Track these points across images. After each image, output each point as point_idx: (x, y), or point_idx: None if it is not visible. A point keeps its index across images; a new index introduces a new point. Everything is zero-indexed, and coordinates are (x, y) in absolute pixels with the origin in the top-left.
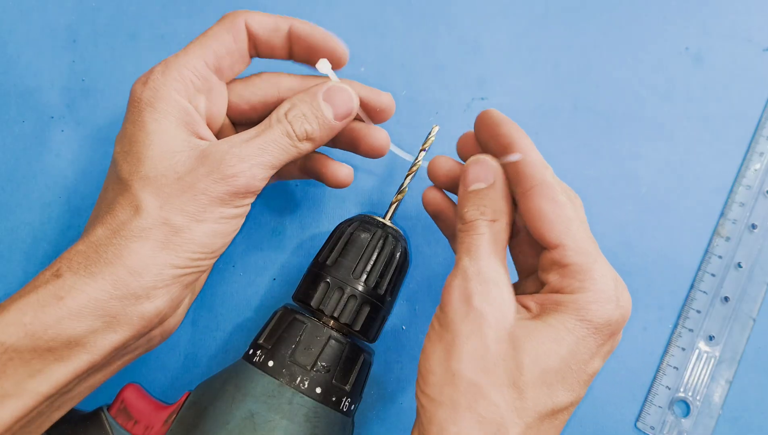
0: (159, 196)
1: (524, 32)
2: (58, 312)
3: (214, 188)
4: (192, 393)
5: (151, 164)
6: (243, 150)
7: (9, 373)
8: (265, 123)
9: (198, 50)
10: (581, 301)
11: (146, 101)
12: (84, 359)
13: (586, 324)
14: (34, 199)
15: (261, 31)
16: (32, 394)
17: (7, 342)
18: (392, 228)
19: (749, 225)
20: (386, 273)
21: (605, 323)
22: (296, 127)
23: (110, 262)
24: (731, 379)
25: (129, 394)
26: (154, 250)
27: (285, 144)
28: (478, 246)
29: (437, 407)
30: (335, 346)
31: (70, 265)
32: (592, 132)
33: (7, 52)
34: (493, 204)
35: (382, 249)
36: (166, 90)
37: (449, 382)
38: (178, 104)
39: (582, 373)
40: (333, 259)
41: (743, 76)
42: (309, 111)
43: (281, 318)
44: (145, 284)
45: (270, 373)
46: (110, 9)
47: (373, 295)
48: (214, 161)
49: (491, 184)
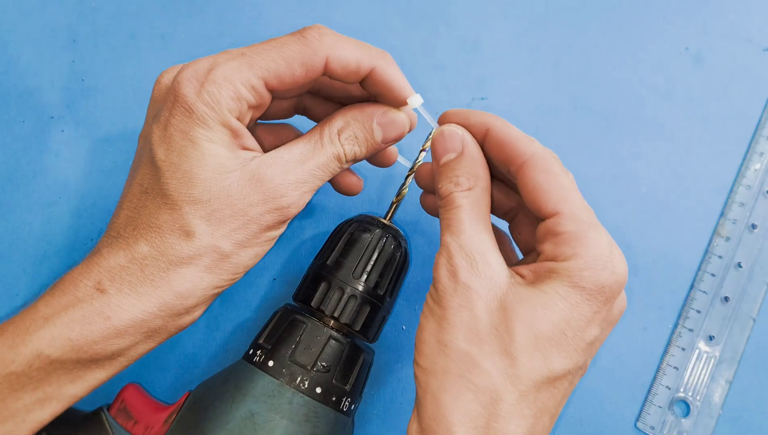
0: (210, 222)
1: (524, 32)
2: (104, 332)
3: (267, 218)
4: (192, 393)
5: (203, 187)
6: (296, 176)
7: (52, 380)
8: (314, 139)
9: (263, 64)
10: (574, 268)
11: (200, 116)
12: (121, 365)
13: (579, 290)
14: (34, 199)
15: (339, 71)
16: (70, 398)
17: (53, 355)
18: (392, 228)
19: (749, 225)
20: (386, 273)
21: (598, 289)
22: (347, 150)
23: (157, 286)
24: (731, 379)
25: (129, 394)
26: (201, 274)
27: (333, 167)
28: (456, 220)
29: (430, 377)
30: (335, 346)
31: (113, 281)
32: (592, 132)
33: (7, 52)
34: (465, 171)
35: (383, 249)
36: (221, 108)
37: (441, 352)
38: (231, 123)
39: (578, 340)
40: (333, 260)
41: (743, 76)
42: (361, 133)
43: (281, 318)
44: (188, 305)
45: (270, 373)
46: (110, 9)
47: (373, 295)
48: (267, 190)
49: (460, 152)
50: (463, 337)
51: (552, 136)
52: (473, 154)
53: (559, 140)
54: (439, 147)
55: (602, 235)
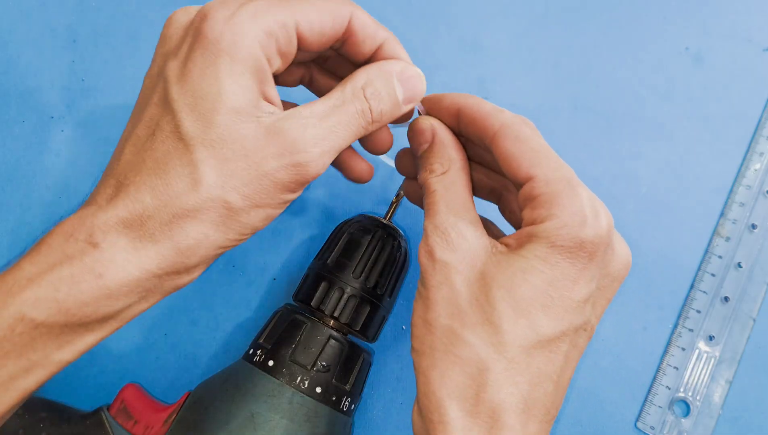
0: (222, 172)
1: (524, 32)
2: (95, 292)
3: (282, 175)
4: (192, 393)
5: (218, 132)
6: (317, 132)
7: (37, 346)
8: (337, 95)
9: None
10: (550, 228)
11: (226, 47)
12: (112, 328)
13: (558, 250)
14: (34, 199)
15: (359, 33)
16: (58, 364)
17: (38, 319)
18: (392, 228)
19: (749, 225)
20: (386, 273)
21: (578, 245)
22: (373, 106)
23: (158, 240)
24: (731, 379)
25: (129, 394)
26: (206, 230)
27: (357, 125)
28: (432, 204)
29: (420, 357)
30: (335, 345)
31: (108, 234)
32: (592, 132)
33: (7, 52)
34: (438, 157)
35: (383, 249)
36: (251, 40)
37: (427, 331)
38: (259, 62)
39: (567, 299)
40: (333, 259)
41: (743, 76)
42: (384, 90)
43: (281, 318)
44: (189, 264)
45: (270, 373)
46: (110, 9)
47: (373, 294)
48: (284, 143)
49: (430, 140)
50: (444, 313)
51: (552, 136)
52: (443, 140)
53: (559, 140)
54: (413, 142)
55: (580, 191)
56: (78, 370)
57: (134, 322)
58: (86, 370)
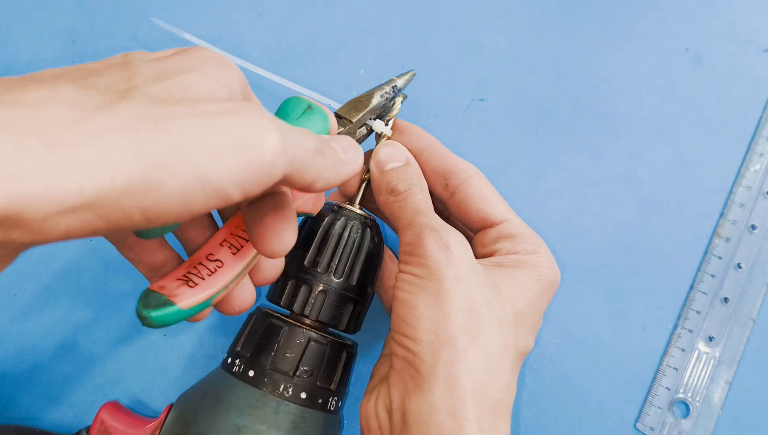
0: None
1: (524, 32)
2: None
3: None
4: (173, 406)
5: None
6: None
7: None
8: None
9: None
10: (538, 261)
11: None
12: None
13: (541, 281)
14: None
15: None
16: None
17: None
18: (356, 212)
19: (749, 226)
20: (356, 262)
21: (552, 283)
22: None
23: None
24: (731, 380)
25: (108, 414)
26: None
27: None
28: (424, 205)
29: (436, 348)
30: (315, 348)
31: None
32: (592, 132)
33: (7, 52)
34: (415, 178)
35: (349, 237)
36: None
37: (444, 322)
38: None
39: (537, 323)
40: (296, 254)
41: (743, 76)
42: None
43: (257, 322)
44: None
45: (252, 383)
46: (110, 9)
47: (345, 287)
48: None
49: (406, 163)
50: (463, 305)
51: (552, 136)
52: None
53: (559, 140)
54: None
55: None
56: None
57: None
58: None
